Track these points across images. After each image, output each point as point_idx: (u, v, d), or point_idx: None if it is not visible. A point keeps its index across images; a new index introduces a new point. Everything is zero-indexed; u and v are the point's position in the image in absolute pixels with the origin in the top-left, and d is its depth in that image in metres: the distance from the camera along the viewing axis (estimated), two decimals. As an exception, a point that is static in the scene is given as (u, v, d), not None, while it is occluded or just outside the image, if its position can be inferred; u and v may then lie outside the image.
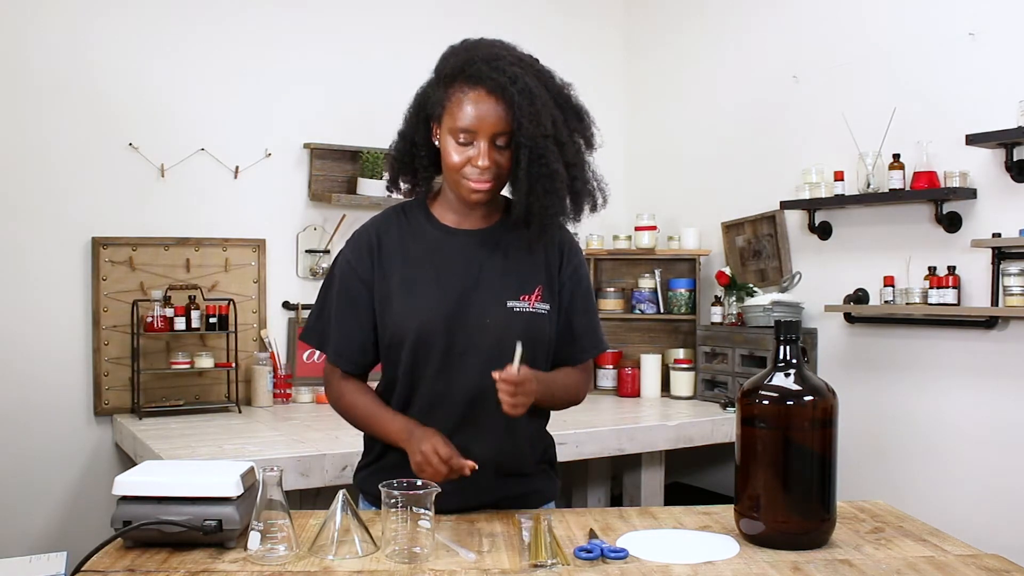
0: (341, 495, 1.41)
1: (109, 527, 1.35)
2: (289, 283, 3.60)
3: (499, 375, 1.45)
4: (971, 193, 2.92)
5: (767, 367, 1.43)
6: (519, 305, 1.59)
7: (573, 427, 2.96)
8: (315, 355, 3.53)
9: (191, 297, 3.25)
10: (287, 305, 3.59)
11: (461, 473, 1.49)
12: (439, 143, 1.57)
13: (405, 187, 1.67)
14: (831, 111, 3.33)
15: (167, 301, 3.22)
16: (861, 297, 3.23)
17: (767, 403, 1.37)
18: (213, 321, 3.24)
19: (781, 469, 1.37)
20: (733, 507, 1.44)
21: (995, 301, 2.83)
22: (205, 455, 2.53)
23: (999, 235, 2.82)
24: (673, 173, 4.14)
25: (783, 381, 1.38)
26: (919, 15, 3.09)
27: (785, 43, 3.58)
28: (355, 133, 3.57)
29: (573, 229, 1.65)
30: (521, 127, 1.48)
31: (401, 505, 1.32)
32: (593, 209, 1.62)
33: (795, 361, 1.39)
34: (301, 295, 3.60)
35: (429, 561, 1.31)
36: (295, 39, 3.57)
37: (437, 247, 1.62)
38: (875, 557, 1.34)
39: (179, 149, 3.35)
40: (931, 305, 2.93)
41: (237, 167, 3.46)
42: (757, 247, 3.67)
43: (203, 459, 2.24)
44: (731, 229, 3.79)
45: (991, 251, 2.84)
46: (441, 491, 1.38)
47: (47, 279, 3.14)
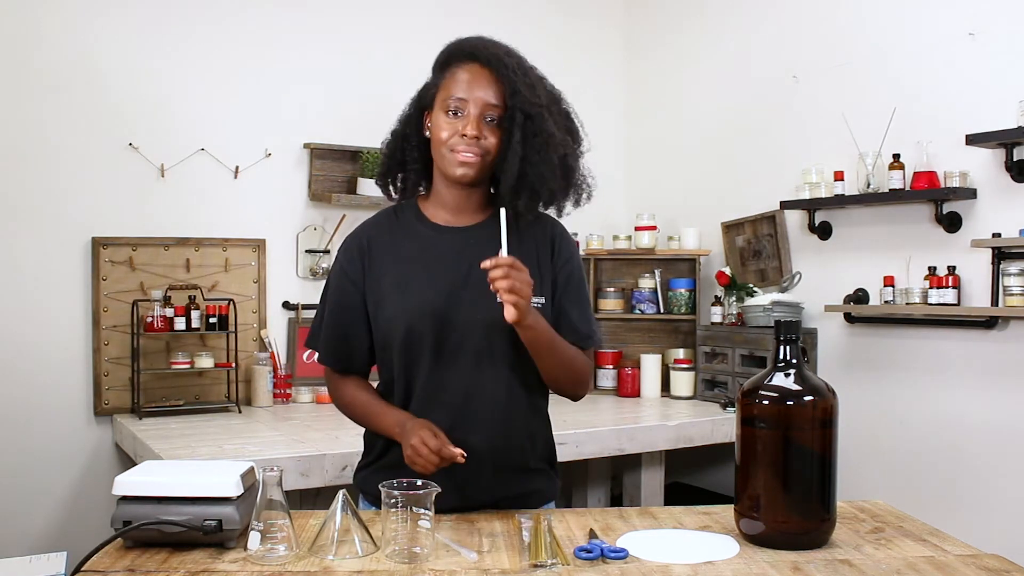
0: (341, 495, 1.41)
1: (109, 527, 1.35)
2: (289, 283, 3.60)
3: (490, 261, 1.41)
4: (971, 193, 2.92)
5: (767, 367, 1.43)
6: None
7: (573, 427, 2.96)
8: (315, 355, 3.52)
9: (191, 297, 3.25)
10: (287, 305, 3.59)
11: (453, 461, 1.48)
12: (431, 130, 1.60)
13: (393, 186, 1.69)
14: (831, 111, 3.34)
15: (167, 301, 3.22)
16: (861, 297, 3.23)
17: (767, 403, 1.37)
18: (213, 321, 3.25)
19: (781, 469, 1.37)
20: (733, 507, 1.44)
21: (995, 301, 2.83)
22: (205, 455, 2.53)
23: (999, 235, 2.82)
24: (673, 173, 4.14)
25: (783, 381, 1.38)
26: (919, 15, 3.09)
27: (785, 43, 3.58)
28: (355, 133, 3.57)
29: (572, 229, 1.65)
30: (517, 94, 1.53)
31: (401, 505, 1.32)
32: (577, 203, 1.65)
33: (795, 361, 1.39)
34: (301, 295, 3.60)
35: (429, 561, 1.31)
36: (295, 39, 3.57)
37: (428, 245, 1.63)
38: (875, 557, 1.34)
39: (179, 149, 3.35)
40: (931, 305, 2.93)
41: (237, 167, 3.46)
42: (757, 247, 3.67)
43: (203, 459, 2.24)
44: (731, 229, 3.79)
45: (991, 251, 2.84)
46: (441, 491, 1.38)
47: (47, 279, 3.14)
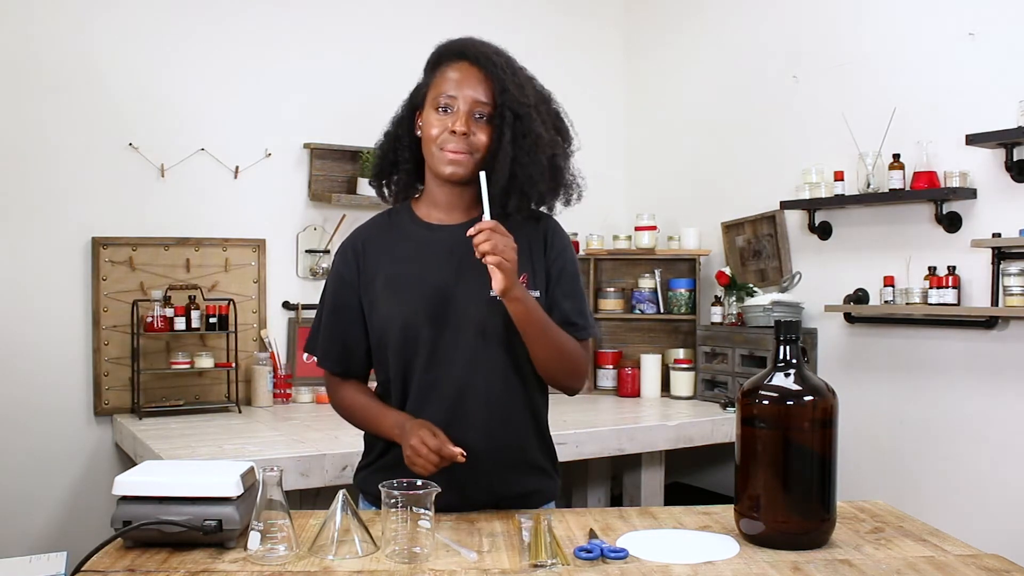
0: (341, 495, 1.41)
1: (109, 527, 1.35)
2: (289, 283, 3.60)
3: (474, 228, 1.45)
4: (971, 193, 2.92)
5: (767, 367, 1.43)
6: None
7: (573, 427, 2.96)
8: (314, 359, 3.53)
9: (191, 297, 3.25)
10: (287, 305, 3.59)
11: (453, 460, 1.48)
12: (421, 128, 1.61)
13: (388, 187, 1.71)
14: (831, 111, 3.34)
15: (167, 301, 3.22)
16: (861, 297, 3.23)
17: (767, 403, 1.37)
18: (213, 321, 3.25)
19: (781, 469, 1.37)
20: (733, 507, 1.44)
21: (995, 301, 2.83)
22: (205, 455, 2.53)
23: (999, 235, 2.82)
24: (673, 173, 4.14)
25: (783, 381, 1.38)
26: (919, 15, 3.09)
27: (785, 43, 3.58)
28: (355, 133, 3.57)
29: (572, 229, 1.65)
30: (506, 92, 1.55)
31: (401, 505, 1.32)
32: (568, 202, 1.67)
33: (795, 361, 1.39)
34: (301, 295, 3.60)
35: (429, 561, 1.31)
36: (295, 39, 3.57)
37: (421, 244, 1.64)
38: (875, 557, 1.34)
39: (179, 149, 3.35)
40: (931, 305, 2.93)
41: (237, 167, 3.46)
42: (757, 247, 3.67)
43: (203, 459, 2.24)
44: (731, 229, 3.79)
45: (991, 251, 2.84)
46: (441, 491, 1.38)
47: (47, 279, 3.14)
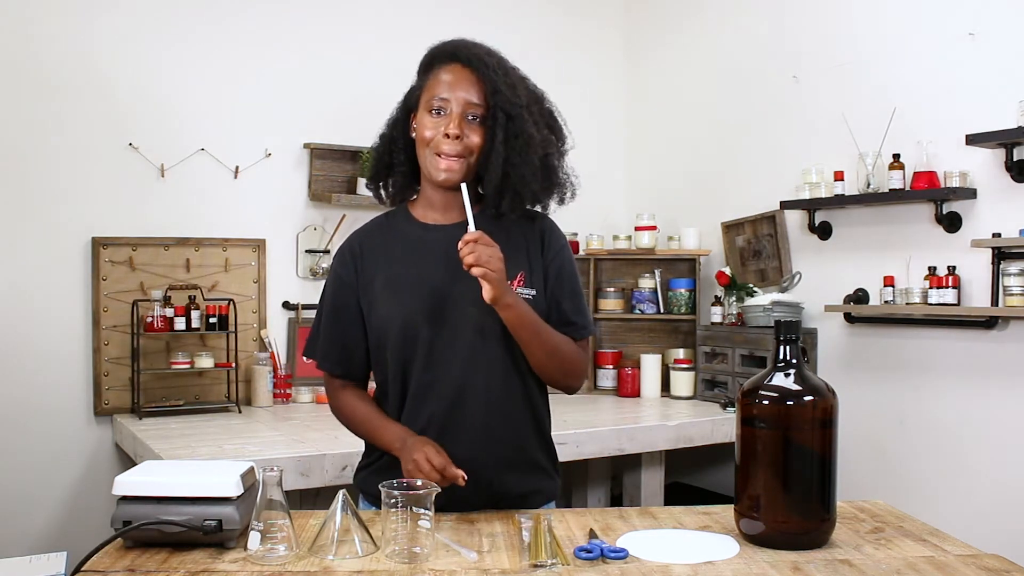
0: (341, 495, 1.41)
1: (109, 527, 1.35)
2: (289, 283, 3.60)
3: (461, 241, 1.46)
4: (971, 193, 2.92)
5: (767, 367, 1.43)
6: None
7: (573, 427, 2.96)
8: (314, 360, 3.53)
9: (191, 297, 3.25)
10: (287, 305, 3.59)
11: (454, 482, 1.49)
12: (416, 130, 1.62)
13: (384, 189, 1.72)
14: (831, 111, 3.34)
15: (167, 301, 3.22)
16: (861, 297, 3.23)
17: (767, 403, 1.37)
18: (213, 321, 3.25)
19: (781, 469, 1.37)
20: (733, 507, 1.44)
21: (995, 301, 2.83)
22: (205, 455, 2.53)
23: (999, 235, 2.82)
24: (673, 173, 4.14)
25: (783, 381, 1.38)
26: (919, 15, 3.09)
27: (785, 43, 3.58)
28: (355, 133, 3.57)
29: (572, 229, 1.65)
30: (498, 93, 1.55)
31: (401, 505, 1.32)
32: (562, 201, 1.67)
33: (795, 361, 1.39)
34: (301, 295, 3.60)
35: (429, 561, 1.31)
36: (295, 39, 3.57)
37: (418, 245, 1.65)
38: (875, 557, 1.34)
39: (179, 149, 3.35)
40: (931, 305, 2.93)
41: (237, 167, 3.47)
42: (757, 247, 3.67)
43: (203, 459, 2.24)
44: (731, 229, 3.79)
45: (991, 251, 2.84)
46: (441, 491, 1.38)
47: (47, 279, 3.14)
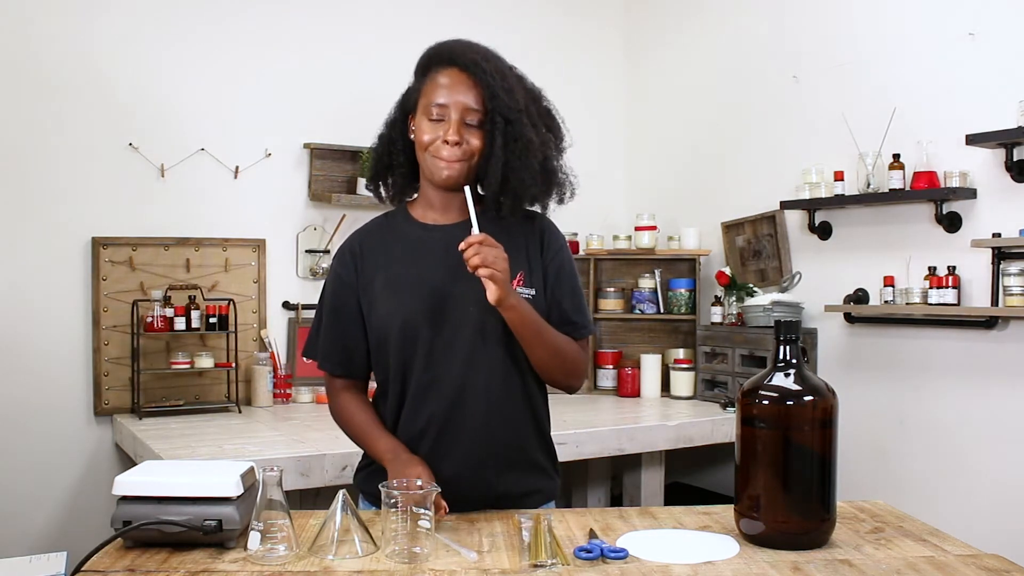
0: (341, 495, 1.41)
1: (109, 527, 1.35)
2: (289, 283, 3.60)
3: (464, 243, 1.45)
4: (971, 193, 2.92)
5: (767, 367, 1.43)
6: None
7: (573, 427, 2.96)
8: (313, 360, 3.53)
9: (191, 297, 3.25)
10: (287, 305, 3.59)
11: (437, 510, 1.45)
12: (415, 134, 1.62)
13: (385, 189, 1.71)
14: (831, 111, 3.34)
15: (167, 301, 3.22)
16: (861, 297, 3.23)
17: (767, 403, 1.37)
18: (213, 321, 3.25)
19: (781, 469, 1.37)
20: (733, 507, 1.44)
21: (995, 301, 2.83)
22: (205, 455, 2.53)
23: (999, 235, 2.82)
24: (673, 173, 4.14)
25: (783, 381, 1.38)
26: (919, 15, 3.09)
27: (785, 43, 3.58)
28: (355, 133, 3.57)
29: (572, 229, 1.65)
30: (496, 98, 1.55)
31: (401, 505, 1.32)
32: (561, 200, 1.67)
33: (795, 361, 1.39)
34: (301, 295, 3.60)
35: (429, 561, 1.31)
36: (295, 39, 3.57)
37: (417, 245, 1.65)
38: (875, 557, 1.34)
39: (179, 149, 3.35)
40: (931, 305, 2.93)
41: (237, 167, 3.47)
42: (757, 247, 3.67)
43: (203, 459, 2.24)
44: (731, 229, 3.79)
45: (991, 251, 2.84)
46: (441, 491, 1.38)
47: (47, 279, 3.14)
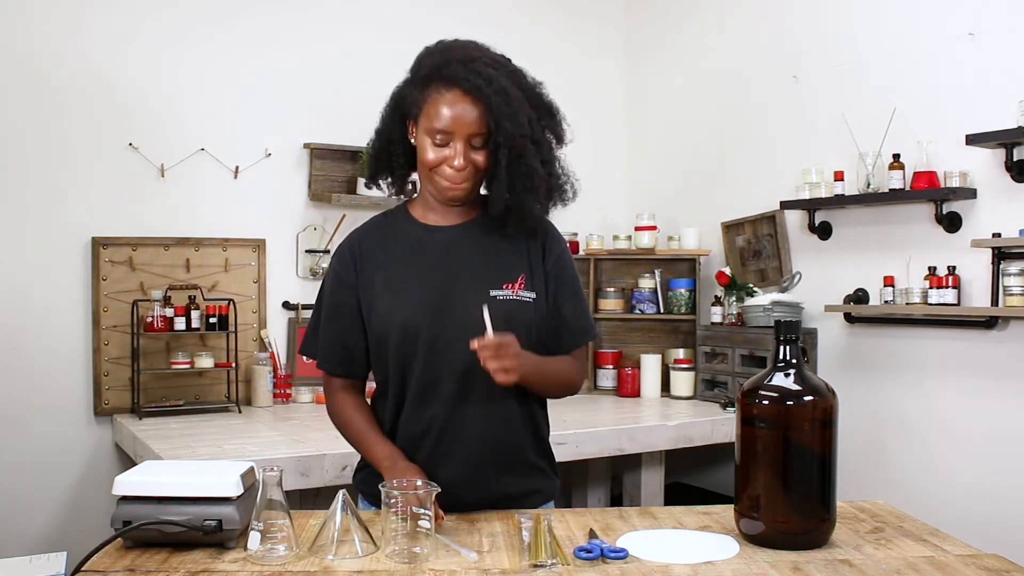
0: (341, 495, 1.41)
1: (109, 527, 1.35)
2: (289, 283, 3.60)
3: (477, 342, 1.45)
4: (971, 193, 2.92)
5: (767, 367, 1.43)
6: (502, 294, 1.59)
7: (573, 427, 2.96)
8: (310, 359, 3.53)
9: (191, 297, 3.25)
10: (287, 305, 3.59)
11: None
12: (415, 141, 1.59)
13: (385, 185, 1.69)
14: (831, 111, 3.34)
15: (167, 301, 3.22)
16: (861, 297, 3.23)
17: (767, 403, 1.37)
18: (213, 321, 3.25)
19: (781, 469, 1.37)
20: (733, 507, 1.44)
21: (995, 301, 2.83)
22: (205, 455, 2.53)
23: (999, 235, 2.82)
24: (673, 173, 4.14)
25: (783, 381, 1.38)
26: (919, 15, 3.09)
27: (785, 43, 3.58)
28: (355, 133, 3.55)
29: (572, 229, 1.64)
30: (499, 126, 1.51)
31: (401, 505, 1.32)
32: (564, 203, 1.65)
33: (795, 361, 1.39)
34: (301, 295, 3.60)
35: (429, 561, 1.32)
36: (295, 39, 3.57)
37: (418, 245, 1.64)
38: (875, 557, 1.34)
39: (179, 149, 3.35)
40: (931, 305, 2.93)
41: (237, 167, 3.47)
42: (757, 247, 3.67)
43: (203, 459, 2.24)
44: (731, 229, 3.79)
45: (991, 251, 2.84)
46: (441, 490, 1.38)
47: (47, 279, 3.14)
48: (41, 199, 3.13)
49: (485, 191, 1.62)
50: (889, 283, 3.09)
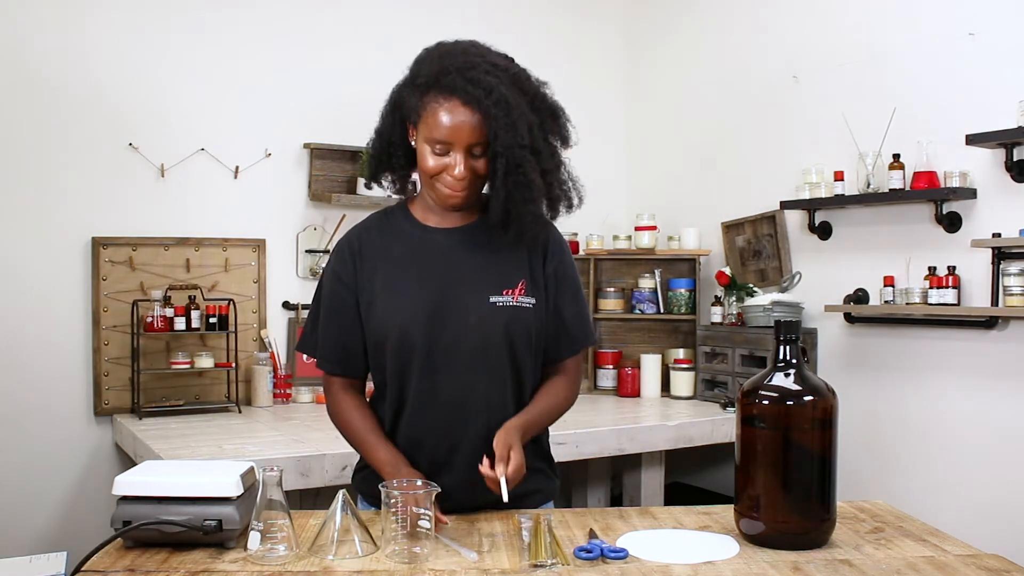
0: (341, 495, 1.41)
1: (109, 527, 1.35)
2: (289, 283, 3.60)
3: (489, 474, 1.45)
4: (971, 193, 2.92)
5: (767, 367, 1.43)
6: (502, 300, 1.58)
7: (573, 427, 2.96)
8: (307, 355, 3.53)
9: (191, 297, 3.25)
10: (287, 305, 3.59)
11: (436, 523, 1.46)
12: (415, 145, 1.57)
13: (386, 184, 1.67)
14: (831, 111, 3.34)
15: (167, 301, 3.22)
16: (861, 297, 3.23)
17: (767, 403, 1.37)
18: (213, 321, 3.25)
19: (781, 469, 1.37)
20: (733, 507, 1.44)
21: (995, 301, 2.83)
22: (205, 455, 2.53)
23: (999, 235, 2.82)
24: (673, 173, 4.14)
25: (783, 381, 1.38)
26: (919, 15, 3.09)
27: (785, 43, 3.58)
28: (355, 133, 3.54)
29: (572, 229, 1.64)
30: (498, 138, 1.47)
31: (401, 505, 1.32)
32: (568, 210, 1.63)
33: (795, 361, 1.39)
34: (301, 295, 3.60)
35: (429, 561, 1.31)
36: (295, 39, 3.57)
37: (418, 246, 1.62)
38: (875, 557, 1.34)
39: (179, 149, 3.35)
40: (931, 305, 2.93)
41: (237, 167, 3.46)
42: (757, 247, 3.67)
43: (203, 459, 2.24)
44: (731, 229, 3.79)
45: (991, 251, 2.84)
46: (441, 491, 1.38)
47: (47, 279, 3.14)
48: (41, 199, 3.13)
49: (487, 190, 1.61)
50: (889, 283, 3.09)
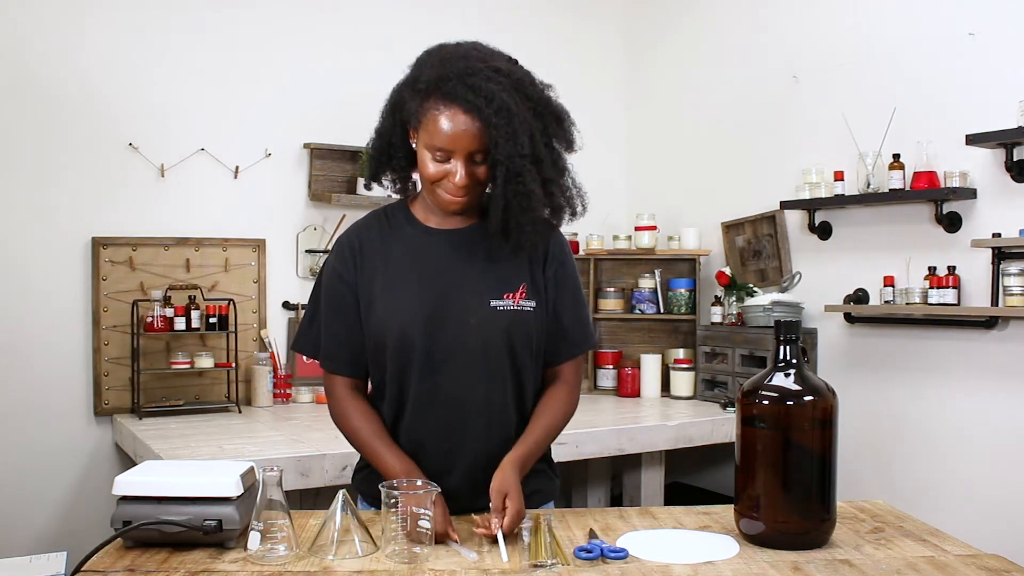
0: (341, 495, 1.41)
1: (109, 527, 1.35)
2: (289, 283, 3.60)
3: (483, 533, 1.42)
4: (971, 193, 2.92)
5: (767, 367, 1.43)
6: (503, 304, 1.57)
7: (573, 427, 2.93)
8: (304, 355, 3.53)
9: (191, 297, 3.25)
10: (287, 305, 3.59)
11: (444, 539, 1.44)
12: (416, 148, 1.55)
13: (387, 183, 1.66)
14: (831, 111, 3.34)
15: (167, 301, 3.22)
16: (861, 297, 3.23)
17: (767, 403, 1.37)
18: (213, 321, 3.25)
19: (781, 469, 1.37)
20: (733, 507, 1.44)
21: (995, 301, 2.83)
22: (205, 455, 2.53)
23: (999, 235, 2.82)
24: (673, 173, 4.14)
25: (783, 381, 1.38)
26: (919, 15, 3.09)
27: (785, 43, 3.58)
28: (355, 133, 3.54)
29: (572, 230, 1.63)
30: (498, 146, 1.45)
31: (401, 505, 1.32)
32: (572, 217, 1.61)
33: (795, 361, 1.39)
34: (301, 295, 3.60)
35: (429, 561, 1.31)
36: (295, 39, 3.57)
37: (418, 248, 1.61)
38: (875, 557, 1.34)
39: (179, 149, 3.36)
40: (931, 305, 2.93)
41: (237, 167, 3.47)
42: (757, 247, 3.67)
43: (203, 459, 2.24)
44: (731, 229, 3.79)
45: (991, 251, 2.84)
46: (441, 491, 1.38)
47: (47, 279, 3.14)
48: (41, 199, 3.13)
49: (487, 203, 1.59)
50: (889, 283, 3.09)
